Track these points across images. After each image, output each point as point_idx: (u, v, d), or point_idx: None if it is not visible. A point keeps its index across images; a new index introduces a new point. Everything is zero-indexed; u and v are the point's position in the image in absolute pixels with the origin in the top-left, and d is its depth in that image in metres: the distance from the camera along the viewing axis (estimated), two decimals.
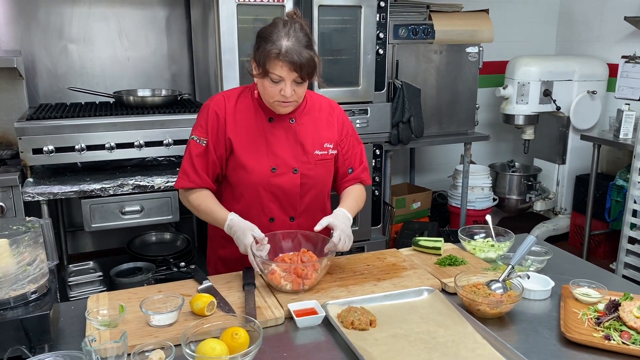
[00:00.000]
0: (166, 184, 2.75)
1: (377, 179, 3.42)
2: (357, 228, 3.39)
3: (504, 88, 4.12)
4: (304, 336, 1.43)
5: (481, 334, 1.41)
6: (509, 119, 4.21)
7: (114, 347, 1.23)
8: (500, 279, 1.58)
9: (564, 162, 4.34)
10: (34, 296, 1.32)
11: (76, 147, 2.73)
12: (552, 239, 4.25)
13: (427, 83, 3.58)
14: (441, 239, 1.89)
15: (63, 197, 2.65)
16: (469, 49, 3.63)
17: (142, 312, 1.42)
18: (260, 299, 1.56)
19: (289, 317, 1.50)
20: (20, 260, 1.29)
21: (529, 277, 1.61)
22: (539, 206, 4.25)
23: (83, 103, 3.25)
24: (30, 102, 3.23)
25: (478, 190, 4.14)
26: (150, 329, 1.41)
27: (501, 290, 1.55)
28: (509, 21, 4.50)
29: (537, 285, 1.65)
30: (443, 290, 1.66)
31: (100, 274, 2.85)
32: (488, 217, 1.99)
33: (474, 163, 4.54)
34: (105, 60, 3.48)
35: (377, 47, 3.24)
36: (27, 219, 1.39)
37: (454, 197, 4.19)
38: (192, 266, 1.73)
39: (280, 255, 1.68)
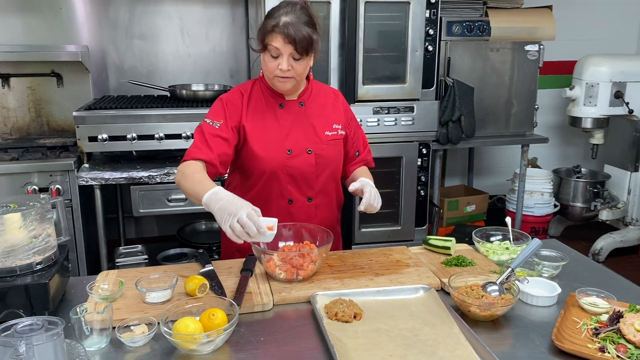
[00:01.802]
0: None
1: (422, 178, 3.36)
2: (399, 227, 3.36)
3: (570, 89, 3.89)
4: (287, 324, 1.46)
5: (466, 336, 1.37)
6: (575, 121, 3.97)
7: (97, 318, 1.32)
8: (497, 282, 1.51)
9: (636, 170, 4.03)
10: (39, 267, 1.44)
11: (128, 136, 2.91)
12: (620, 251, 3.98)
13: (481, 82, 3.47)
14: (452, 238, 1.85)
15: (114, 183, 2.83)
16: (528, 47, 3.47)
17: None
18: (255, 285, 1.60)
19: (279, 305, 1.53)
20: (27, 233, 1.41)
21: (527, 282, 1.53)
22: (604, 215, 3.98)
23: (142, 96, 3.45)
24: (97, 94, 3.47)
25: (537, 195, 3.95)
26: (144, 306, 1.49)
27: (497, 293, 1.49)
28: (577, 18, 4.25)
29: (542, 291, 1.57)
30: (443, 290, 1.62)
31: (146, 257, 3.01)
32: (508, 220, 1.91)
33: (538, 167, 4.34)
34: (168, 56, 3.67)
35: (427, 44, 3.18)
36: (42, 196, 1.52)
37: (511, 201, 4.02)
38: (200, 250, 1.79)
39: (281, 244, 1.71)
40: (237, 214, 1.45)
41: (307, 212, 1.90)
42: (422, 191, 3.39)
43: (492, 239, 1.88)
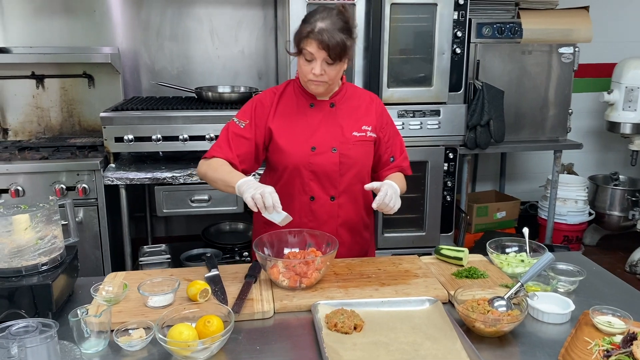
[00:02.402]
0: None
1: (449, 183, 3.29)
2: (424, 233, 3.29)
3: (608, 93, 3.74)
4: (286, 333, 1.44)
5: (468, 353, 1.32)
6: (613, 127, 3.82)
7: (95, 321, 1.33)
8: (505, 297, 1.46)
9: None
10: (44, 268, 1.46)
11: (153, 137, 2.95)
12: None
13: (512, 85, 3.37)
14: (465, 249, 1.79)
15: (138, 183, 2.88)
16: (562, 50, 3.35)
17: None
18: (257, 292, 1.58)
19: (280, 312, 1.51)
20: (33, 234, 1.44)
21: (537, 298, 1.47)
22: None
23: (171, 97, 3.49)
24: (127, 95, 3.54)
25: (571, 203, 3.81)
26: (145, 309, 1.49)
27: (504, 308, 1.43)
28: (615, 19, 4.07)
29: (555, 307, 1.50)
30: (450, 303, 1.57)
31: (169, 256, 3.05)
32: (525, 230, 1.84)
33: (575, 173, 4.20)
34: (197, 58, 3.70)
35: (454, 46, 3.11)
36: (51, 198, 1.54)
37: (544, 208, 3.90)
38: (208, 254, 1.80)
39: (286, 251, 1.70)
40: (260, 189, 1.60)
41: (330, 211, 1.90)
42: (448, 196, 3.32)
43: (507, 250, 1.82)
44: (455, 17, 3.07)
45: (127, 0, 3.51)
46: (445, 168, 3.25)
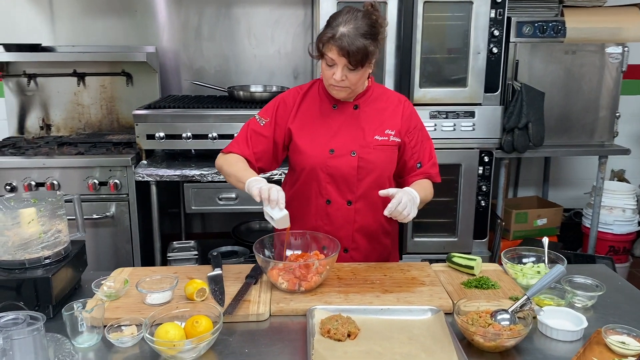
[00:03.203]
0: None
1: (483, 188, 3.17)
2: (456, 239, 3.19)
3: None
4: (278, 337, 1.41)
5: None
6: None
7: (87, 316, 1.34)
8: (510, 310, 1.37)
9: None
10: (47, 261, 1.49)
11: (183, 135, 2.99)
12: None
13: (553, 86, 3.21)
14: (477, 257, 1.70)
15: (167, 180, 2.93)
16: (609, 49, 3.17)
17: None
18: (256, 294, 1.56)
19: (276, 315, 1.48)
20: (37, 228, 1.47)
21: (543, 312, 1.38)
22: None
23: (205, 96, 3.54)
24: (164, 93, 3.61)
25: (618, 211, 3.60)
26: (143, 306, 1.50)
27: (507, 322, 1.35)
28: None
29: (566, 323, 1.41)
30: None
31: (196, 252, 3.08)
32: (545, 240, 1.74)
33: (626, 181, 3.97)
34: (234, 57, 3.73)
35: (491, 46, 2.99)
36: (58, 192, 1.58)
37: (588, 216, 3.70)
38: (215, 253, 1.79)
39: (288, 253, 1.67)
40: (268, 185, 1.60)
41: (346, 216, 1.85)
42: (482, 201, 3.20)
43: (525, 260, 1.72)
44: (493, 15, 2.95)
45: (168, 0, 3.57)
46: (480, 172, 3.14)
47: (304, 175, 1.86)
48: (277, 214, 1.57)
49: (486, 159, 3.13)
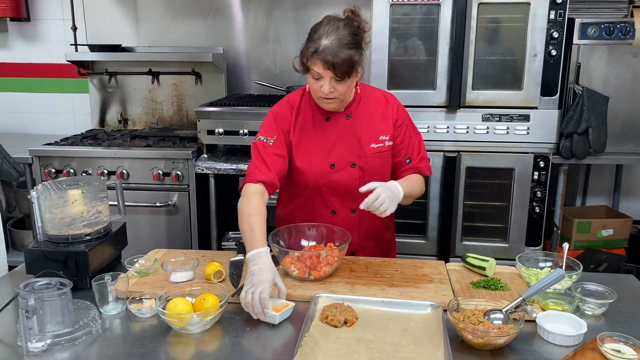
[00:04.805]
0: None
1: (538, 194, 3.08)
2: (507, 245, 3.13)
3: None
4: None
5: None
6: None
7: (113, 288, 1.51)
8: (504, 310, 1.38)
9: None
10: (87, 238, 1.68)
11: (240, 131, 3.17)
12: None
13: (619, 91, 3.06)
14: (490, 259, 1.71)
15: (224, 173, 3.11)
16: None
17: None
18: None
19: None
20: (80, 208, 1.66)
21: (535, 315, 1.37)
22: None
23: (267, 95, 3.70)
24: (230, 92, 3.81)
25: None
26: (167, 284, 1.65)
27: (499, 321, 1.36)
28: None
29: (565, 327, 1.39)
30: None
31: None
32: (565, 245, 1.71)
33: None
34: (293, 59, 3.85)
35: (550, 48, 2.91)
36: (102, 178, 1.76)
37: None
38: (241, 240, 1.92)
39: (304, 243, 1.76)
40: (253, 287, 1.45)
41: (351, 223, 1.89)
42: (537, 208, 3.11)
43: (541, 265, 1.70)
44: (552, 16, 2.87)
45: (237, 4, 3.77)
46: (535, 177, 3.06)
47: (307, 191, 1.89)
48: (272, 320, 1.46)
49: (542, 164, 3.04)
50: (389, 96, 1.92)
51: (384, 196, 1.64)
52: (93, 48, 3.60)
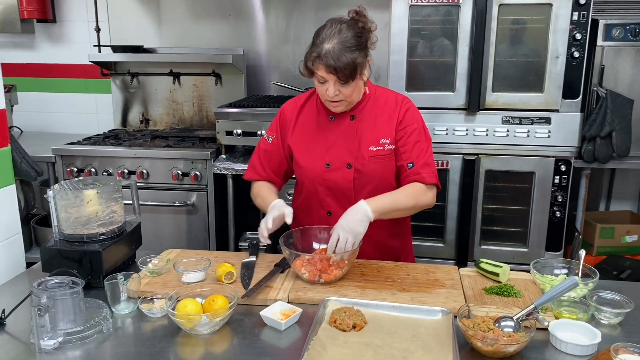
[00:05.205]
0: None
1: (559, 198, 3.02)
2: (526, 249, 3.08)
3: None
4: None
5: None
6: None
7: (124, 288, 1.53)
8: (514, 317, 1.36)
9: None
10: (101, 237, 1.70)
11: (258, 132, 3.18)
12: None
13: None
14: (504, 265, 1.68)
15: (242, 174, 3.11)
16: None
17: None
18: (280, 281, 1.67)
19: (293, 303, 1.57)
20: (94, 208, 1.69)
21: (547, 324, 1.34)
22: None
23: (285, 96, 3.70)
24: (249, 93, 3.83)
25: None
26: (178, 284, 1.66)
27: (510, 329, 1.34)
28: None
29: (578, 337, 1.36)
30: None
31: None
32: (581, 252, 1.67)
33: None
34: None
35: (572, 50, 2.85)
36: (118, 179, 1.79)
37: None
38: (254, 242, 1.92)
39: (316, 246, 1.76)
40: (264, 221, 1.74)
41: None
42: (558, 212, 3.06)
43: (556, 272, 1.67)
44: (575, 18, 2.82)
45: (258, 5, 3.79)
46: (557, 181, 3.00)
47: (305, 189, 1.92)
48: (279, 326, 1.46)
49: (563, 168, 2.98)
50: (401, 98, 1.89)
51: (344, 235, 1.62)
52: (116, 49, 3.65)
